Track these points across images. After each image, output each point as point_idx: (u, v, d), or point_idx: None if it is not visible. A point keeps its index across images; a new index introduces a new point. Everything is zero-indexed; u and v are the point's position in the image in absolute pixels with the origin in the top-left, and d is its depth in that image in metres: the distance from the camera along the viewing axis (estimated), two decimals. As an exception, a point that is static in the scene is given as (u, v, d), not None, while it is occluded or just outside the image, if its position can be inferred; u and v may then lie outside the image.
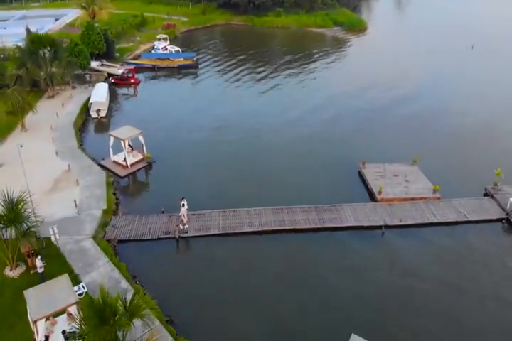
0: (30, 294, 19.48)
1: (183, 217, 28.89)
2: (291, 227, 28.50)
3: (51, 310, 18.91)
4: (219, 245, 27.41)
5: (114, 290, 21.81)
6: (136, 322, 18.23)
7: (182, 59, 61.62)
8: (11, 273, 24.98)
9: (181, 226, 28.56)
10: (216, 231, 28.32)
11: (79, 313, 18.58)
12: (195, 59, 61.77)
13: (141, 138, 35.82)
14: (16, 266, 25.24)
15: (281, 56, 66.30)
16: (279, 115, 45.60)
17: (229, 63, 62.79)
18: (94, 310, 16.97)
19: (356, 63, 62.45)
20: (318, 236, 28.08)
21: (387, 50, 66.74)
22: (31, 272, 24.83)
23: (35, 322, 18.76)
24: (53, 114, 45.00)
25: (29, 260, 25.17)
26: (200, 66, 61.28)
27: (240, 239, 27.84)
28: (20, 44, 52.20)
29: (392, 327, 21.74)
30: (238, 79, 56.51)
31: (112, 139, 35.88)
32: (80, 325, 17.19)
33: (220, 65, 62.12)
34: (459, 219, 29.36)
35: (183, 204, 28.86)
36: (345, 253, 26.49)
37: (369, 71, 57.97)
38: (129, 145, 36.33)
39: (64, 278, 20.48)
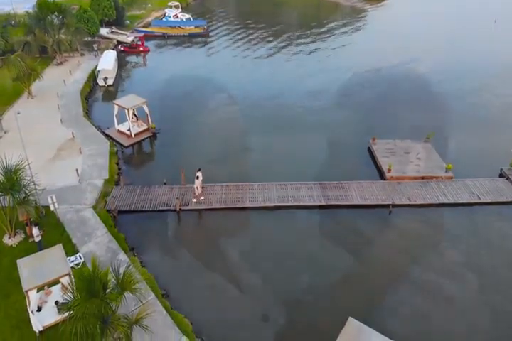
0: (23, 264, 19.17)
1: (196, 189, 28.22)
2: (295, 204, 27.75)
3: (43, 280, 18.61)
4: (220, 219, 26.85)
5: (111, 261, 21.55)
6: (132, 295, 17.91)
7: (193, 27, 59.95)
8: (10, 241, 24.80)
9: (194, 199, 28.02)
10: (218, 206, 27.65)
11: (71, 284, 18.20)
12: (205, 27, 60.05)
13: (145, 107, 34.91)
14: (15, 234, 25.04)
15: (294, 25, 64.11)
16: (287, 86, 44.19)
17: (240, 32, 60.95)
18: (84, 282, 16.58)
19: (370, 35, 60.04)
20: (322, 214, 27.31)
21: (405, 22, 63.93)
22: (30, 240, 24.63)
23: (26, 292, 18.49)
24: (61, 81, 44.25)
25: (27, 228, 24.93)
26: (211, 34, 59.67)
27: (241, 213, 27.22)
28: (30, 10, 51.12)
29: (390, 310, 21.17)
30: (249, 48, 54.86)
31: (116, 108, 35.09)
32: (71, 297, 16.85)
33: (231, 34, 60.35)
34: (471, 201, 28.25)
35: (198, 177, 28.13)
36: (348, 232, 25.69)
37: (382, 44, 55.69)
38: (134, 114, 35.52)
39: (58, 249, 20.10)
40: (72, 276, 18.94)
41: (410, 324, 20.53)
